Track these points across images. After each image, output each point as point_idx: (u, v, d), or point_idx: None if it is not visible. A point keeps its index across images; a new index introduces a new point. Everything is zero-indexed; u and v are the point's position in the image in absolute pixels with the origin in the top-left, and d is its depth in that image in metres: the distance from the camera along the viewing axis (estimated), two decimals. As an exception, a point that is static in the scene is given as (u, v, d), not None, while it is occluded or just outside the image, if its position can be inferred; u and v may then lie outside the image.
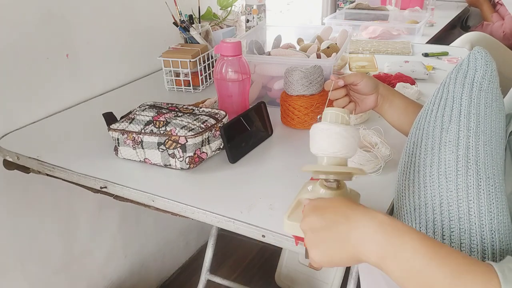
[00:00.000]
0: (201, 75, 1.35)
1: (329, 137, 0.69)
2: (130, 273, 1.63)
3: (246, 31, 1.64)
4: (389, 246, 0.55)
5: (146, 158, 0.95)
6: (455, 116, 0.72)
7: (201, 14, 1.52)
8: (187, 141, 0.90)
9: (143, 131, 0.94)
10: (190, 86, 1.36)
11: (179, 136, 0.90)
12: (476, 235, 0.67)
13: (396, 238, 0.55)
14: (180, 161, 0.92)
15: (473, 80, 0.72)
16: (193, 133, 0.91)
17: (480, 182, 0.68)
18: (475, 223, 0.68)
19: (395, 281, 0.55)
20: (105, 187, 0.91)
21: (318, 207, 0.62)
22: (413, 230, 0.56)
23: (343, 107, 0.95)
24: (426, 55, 1.76)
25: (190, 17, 1.42)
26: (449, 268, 0.52)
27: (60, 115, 1.22)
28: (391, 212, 0.81)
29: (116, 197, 0.93)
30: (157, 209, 0.88)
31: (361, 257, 0.57)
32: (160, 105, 1.02)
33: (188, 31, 1.39)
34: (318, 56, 1.25)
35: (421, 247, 0.54)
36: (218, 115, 0.98)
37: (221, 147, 0.97)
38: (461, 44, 2.20)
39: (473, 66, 0.73)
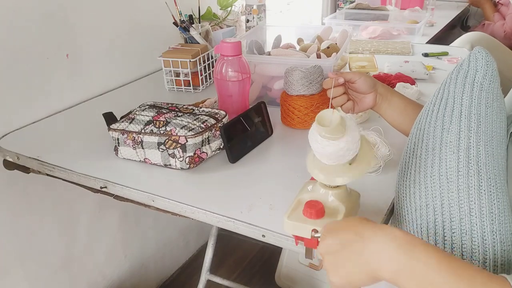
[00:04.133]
0: (201, 75, 1.35)
1: (325, 155, 0.69)
2: (130, 273, 1.63)
3: (246, 31, 1.64)
4: (403, 260, 0.55)
5: (146, 158, 0.95)
6: (455, 117, 0.72)
7: (201, 14, 1.52)
8: (187, 141, 0.90)
9: (143, 131, 0.94)
10: (190, 86, 1.36)
11: (179, 136, 0.90)
12: (477, 236, 0.67)
13: (409, 251, 0.55)
14: (180, 161, 0.92)
15: (474, 80, 0.72)
16: (193, 133, 0.91)
17: (481, 182, 0.68)
18: (476, 224, 0.67)
19: None
20: (105, 187, 0.91)
21: (332, 229, 0.62)
22: (426, 243, 0.57)
23: (341, 106, 0.95)
24: (426, 55, 1.76)
25: (190, 17, 1.42)
26: (463, 282, 0.52)
27: (60, 115, 1.22)
28: (391, 212, 0.81)
29: (116, 197, 0.93)
30: (157, 209, 0.88)
31: (376, 274, 0.57)
32: (160, 105, 1.02)
33: (188, 31, 1.39)
34: (318, 56, 1.25)
35: (434, 260, 0.54)
36: (218, 115, 0.98)
37: (221, 147, 0.97)
38: (461, 44, 2.20)
39: (473, 66, 0.73)
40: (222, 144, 0.96)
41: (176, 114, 0.97)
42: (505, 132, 0.73)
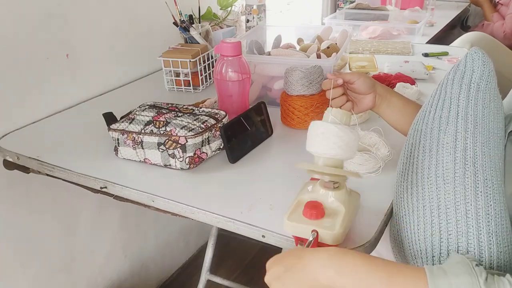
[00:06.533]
0: (201, 75, 1.35)
1: (326, 140, 0.69)
2: (130, 273, 1.63)
3: (246, 31, 1.64)
4: (336, 266, 0.63)
5: (146, 158, 0.95)
6: (452, 117, 0.72)
7: (201, 14, 1.52)
8: (187, 141, 0.90)
9: (143, 131, 0.94)
10: (190, 86, 1.36)
11: (179, 136, 0.90)
12: (473, 237, 0.67)
13: (339, 259, 0.63)
14: (180, 161, 0.92)
15: (471, 80, 0.72)
16: (193, 133, 0.91)
17: (478, 184, 0.68)
18: (472, 226, 0.67)
19: None
20: (105, 187, 0.91)
21: (277, 258, 0.68)
22: (353, 251, 0.65)
23: (340, 107, 0.95)
24: (426, 55, 1.76)
25: (190, 17, 1.42)
26: (383, 273, 0.61)
27: (60, 115, 1.22)
28: (390, 212, 0.81)
29: (116, 197, 0.93)
30: (157, 209, 0.88)
31: (316, 283, 0.64)
32: (160, 105, 1.02)
33: (188, 31, 1.39)
34: (318, 56, 1.25)
35: (359, 261, 0.63)
36: (218, 115, 0.98)
37: (221, 147, 0.97)
38: (461, 44, 2.20)
39: (470, 67, 0.73)
40: (222, 144, 0.96)
41: (176, 114, 0.97)
42: (503, 133, 0.73)
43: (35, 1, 1.11)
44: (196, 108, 1.01)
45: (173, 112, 0.98)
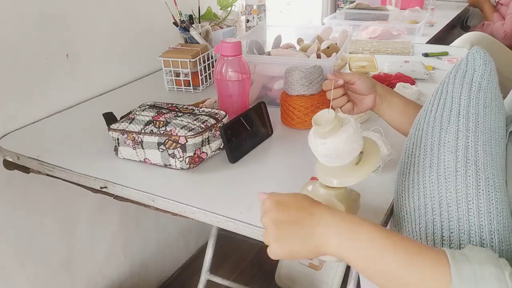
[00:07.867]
0: (201, 75, 1.35)
1: (321, 155, 0.68)
2: (130, 273, 1.63)
3: (246, 31, 1.64)
4: (349, 236, 0.59)
5: (146, 158, 0.95)
6: (454, 116, 0.72)
7: (201, 14, 1.52)
8: (187, 141, 0.90)
9: (143, 131, 0.94)
10: (190, 86, 1.36)
11: (179, 136, 0.90)
12: (475, 236, 0.67)
13: (353, 228, 0.59)
14: (180, 161, 0.92)
15: (472, 79, 0.72)
16: (193, 133, 0.91)
17: (479, 182, 0.68)
18: (474, 224, 0.67)
19: (356, 269, 0.59)
20: (105, 187, 0.91)
21: (280, 203, 0.63)
22: (370, 222, 0.60)
23: (340, 107, 0.95)
24: (426, 55, 1.76)
25: (190, 17, 1.42)
26: (401, 252, 0.56)
27: (60, 115, 1.22)
28: (390, 212, 0.81)
29: (116, 197, 0.93)
30: (157, 209, 0.88)
31: (322, 250, 0.60)
32: (160, 105, 1.02)
33: (188, 31, 1.39)
34: (318, 56, 1.25)
35: (376, 236, 0.58)
36: (218, 115, 0.98)
37: (221, 147, 0.97)
38: (461, 44, 2.20)
39: (471, 66, 0.73)
40: (222, 144, 0.96)
41: (176, 114, 0.97)
42: (504, 132, 0.73)
43: (35, 1, 1.11)
44: (196, 108, 1.01)
45: (173, 112, 0.98)
